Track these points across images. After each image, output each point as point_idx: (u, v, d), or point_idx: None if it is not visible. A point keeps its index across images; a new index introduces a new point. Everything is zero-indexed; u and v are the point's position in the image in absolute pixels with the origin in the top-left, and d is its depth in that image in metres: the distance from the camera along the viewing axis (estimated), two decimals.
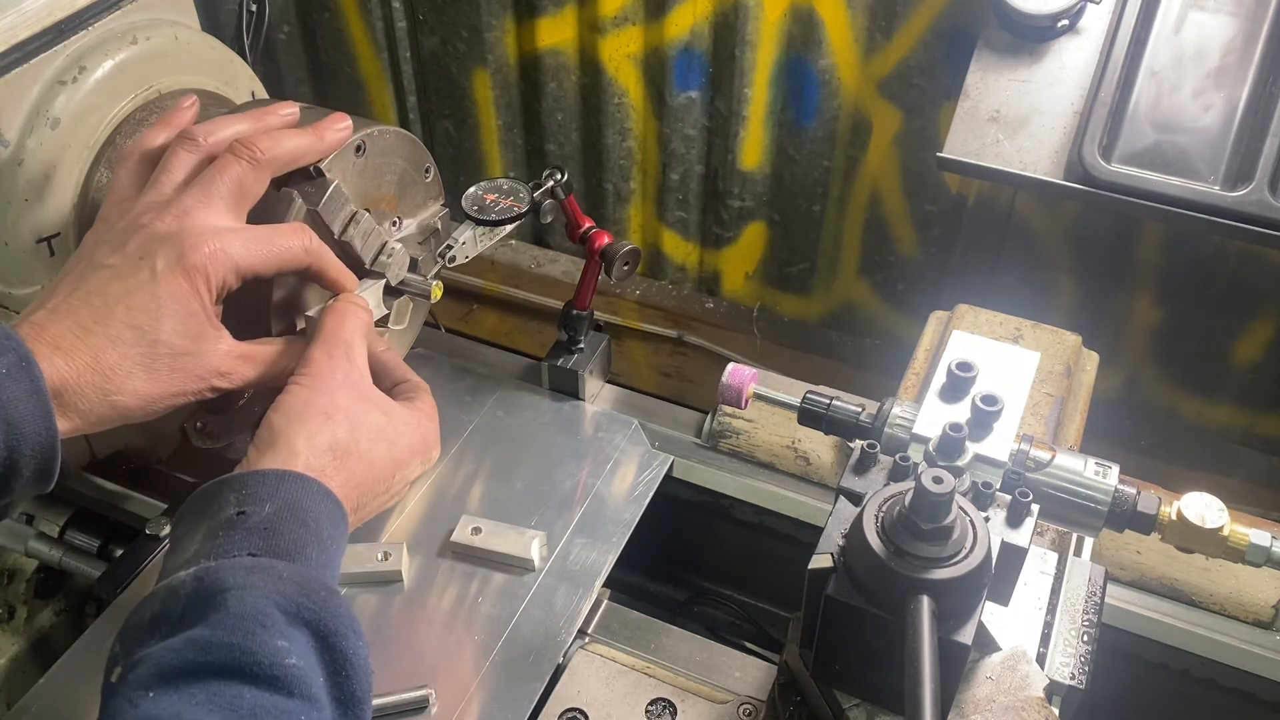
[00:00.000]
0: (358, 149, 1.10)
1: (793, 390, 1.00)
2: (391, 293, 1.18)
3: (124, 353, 0.89)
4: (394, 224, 1.21)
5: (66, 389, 0.87)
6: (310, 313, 1.07)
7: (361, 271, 1.16)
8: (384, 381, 1.04)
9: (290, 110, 1.06)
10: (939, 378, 0.95)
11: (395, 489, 0.99)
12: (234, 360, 0.97)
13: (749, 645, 1.56)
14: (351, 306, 1.03)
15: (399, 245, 1.16)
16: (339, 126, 1.06)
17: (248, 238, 0.95)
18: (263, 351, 1.00)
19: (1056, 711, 0.91)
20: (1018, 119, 1.49)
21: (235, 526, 0.83)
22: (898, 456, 0.89)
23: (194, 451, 1.43)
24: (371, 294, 1.12)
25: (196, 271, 0.91)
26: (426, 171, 1.23)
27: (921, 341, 1.37)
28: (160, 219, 0.93)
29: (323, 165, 1.06)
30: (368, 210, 1.12)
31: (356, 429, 0.94)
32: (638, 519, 1.32)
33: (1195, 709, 1.39)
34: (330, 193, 1.06)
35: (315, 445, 0.91)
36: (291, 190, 1.05)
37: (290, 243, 0.98)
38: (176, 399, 0.94)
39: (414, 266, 1.19)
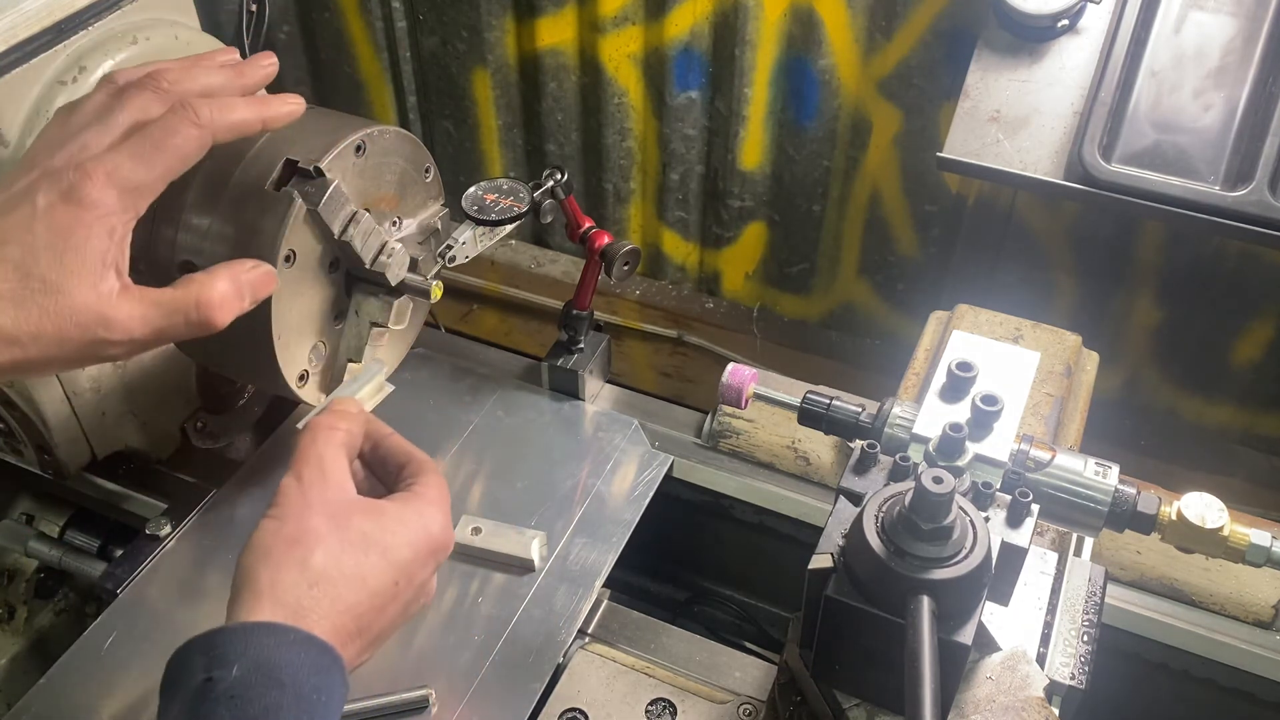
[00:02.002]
0: (358, 149, 1.10)
1: (793, 390, 1.00)
2: (391, 293, 1.18)
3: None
4: (394, 224, 1.21)
5: None
6: (299, 424, 1.02)
7: (363, 273, 1.16)
8: (388, 471, 0.98)
9: (264, 71, 0.98)
10: (939, 378, 0.95)
11: (408, 596, 0.89)
12: (122, 304, 0.83)
13: (749, 645, 1.57)
14: (325, 424, 0.94)
15: (399, 245, 1.16)
16: (290, 103, 0.96)
17: (133, 148, 0.84)
18: (166, 296, 0.86)
19: (1056, 711, 0.91)
20: (1018, 119, 1.49)
21: (204, 696, 0.74)
22: (898, 456, 0.89)
23: (194, 451, 1.43)
24: (370, 386, 1.12)
25: (86, 202, 0.81)
26: (426, 171, 1.23)
27: (921, 341, 1.36)
28: (58, 155, 0.84)
29: (323, 165, 1.06)
30: (368, 210, 1.12)
31: (337, 548, 0.84)
32: (638, 519, 1.32)
33: (1195, 709, 1.39)
34: (330, 192, 1.06)
35: (284, 582, 0.81)
36: (291, 190, 1.05)
37: (181, 132, 0.86)
38: (52, 350, 0.81)
39: (414, 266, 1.19)
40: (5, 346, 0.79)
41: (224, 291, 0.90)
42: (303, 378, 1.16)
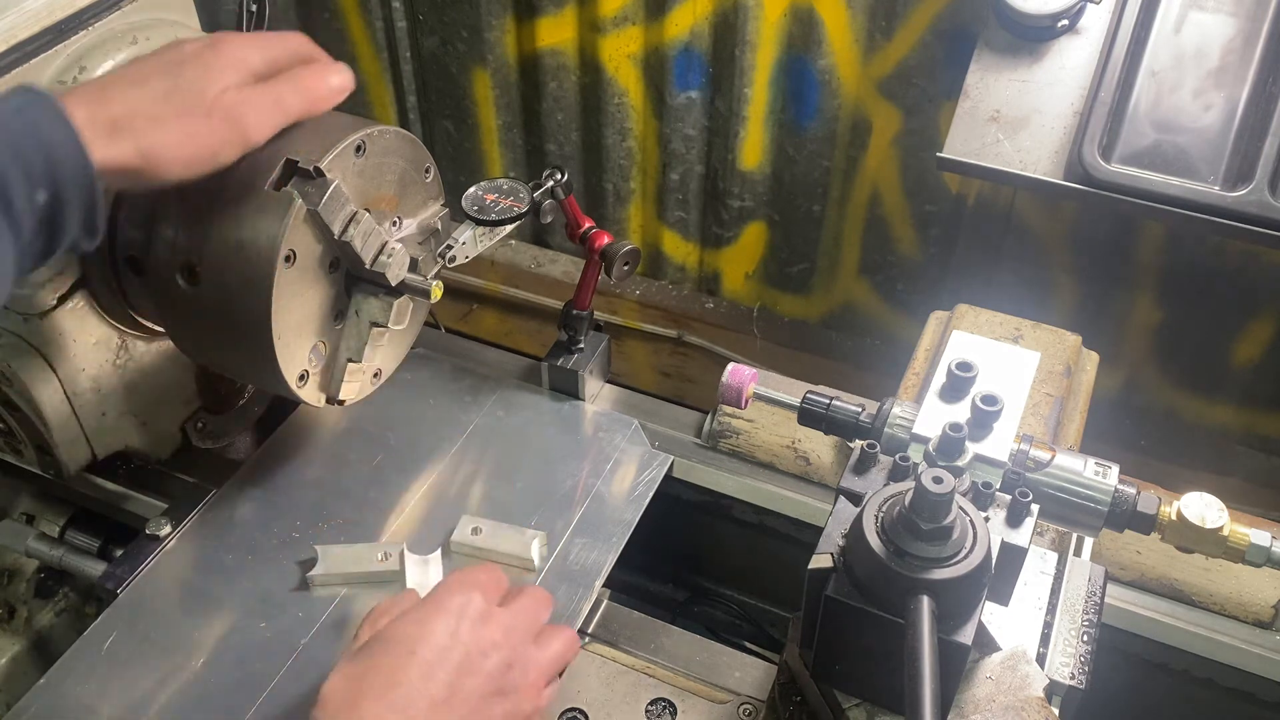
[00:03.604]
0: (358, 149, 1.10)
1: (793, 390, 1.00)
2: (391, 293, 1.18)
3: (141, 93, 0.92)
4: (394, 224, 1.21)
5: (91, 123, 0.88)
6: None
7: (363, 272, 1.16)
8: None
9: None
10: (939, 378, 0.95)
11: (469, 685, 0.91)
12: (251, 97, 0.99)
13: (749, 645, 1.56)
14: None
15: (399, 245, 1.16)
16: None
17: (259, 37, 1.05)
18: (278, 83, 1.03)
19: (1056, 711, 0.91)
20: (1018, 119, 1.49)
21: None
22: (898, 456, 0.89)
23: (194, 451, 1.43)
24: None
25: (222, 43, 0.99)
26: (426, 171, 1.23)
27: (921, 341, 1.37)
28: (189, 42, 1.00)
29: (323, 165, 1.06)
30: (368, 210, 1.12)
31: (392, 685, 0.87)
32: (638, 519, 1.32)
33: (1195, 709, 1.39)
34: (330, 192, 1.06)
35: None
36: (291, 190, 1.05)
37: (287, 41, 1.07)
38: (195, 139, 0.95)
39: (414, 266, 1.19)
40: (141, 132, 0.91)
41: (320, 73, 1.06)
42: (303, 378, 1.16)
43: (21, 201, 0.81)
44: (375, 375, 1.28)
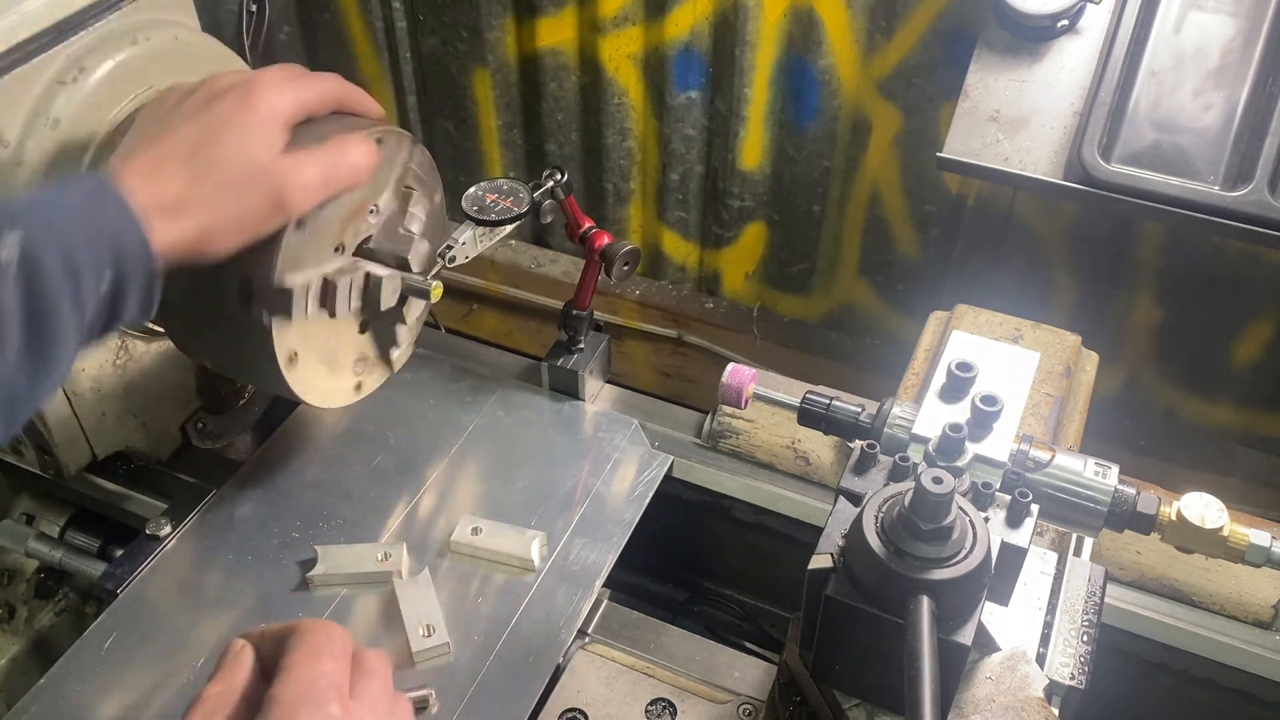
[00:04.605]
0: (379, 141, 1.12)
1: (793, 390, 1.00)
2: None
3: (193, 168, 0.94)
4: (372, 211, 1.21)
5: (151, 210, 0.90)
6: None
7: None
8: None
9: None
10: (939, 378, 0.95)
11: None
12: (294, 163, 1.00)
13: (749, 645, 1.56)
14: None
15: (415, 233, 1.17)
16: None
17: (285, 73, 1.05)
18: (323, 151, 1.02)
19: (1056, 711, 0.91)
20: (1018, 119, 1.49)
21: None
22: (898, 456, 0.89)
23: (194, 451, 1.44)
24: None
25: (256, 100, 0.99)
26: (427, 172, 1.23)
27: (921, 341, 1.37)
28: (221, 78, 1.02)
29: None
30: (374, 209, 1.13)
31: None
32: (638, 519, 1.32)
33: (1195, 709, 1.39)
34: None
35: None
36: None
37: (323, 84, 1.07)
38: (243, 214, 0.97)
39: (404, 264, 1.19)
40: (198, 211, 0.93)
41: (363, 147, 1.05)
42: (292, 359, 1.15)
43: (89, 285, 0.85)
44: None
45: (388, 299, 1.17)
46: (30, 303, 0.82)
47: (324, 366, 1.20)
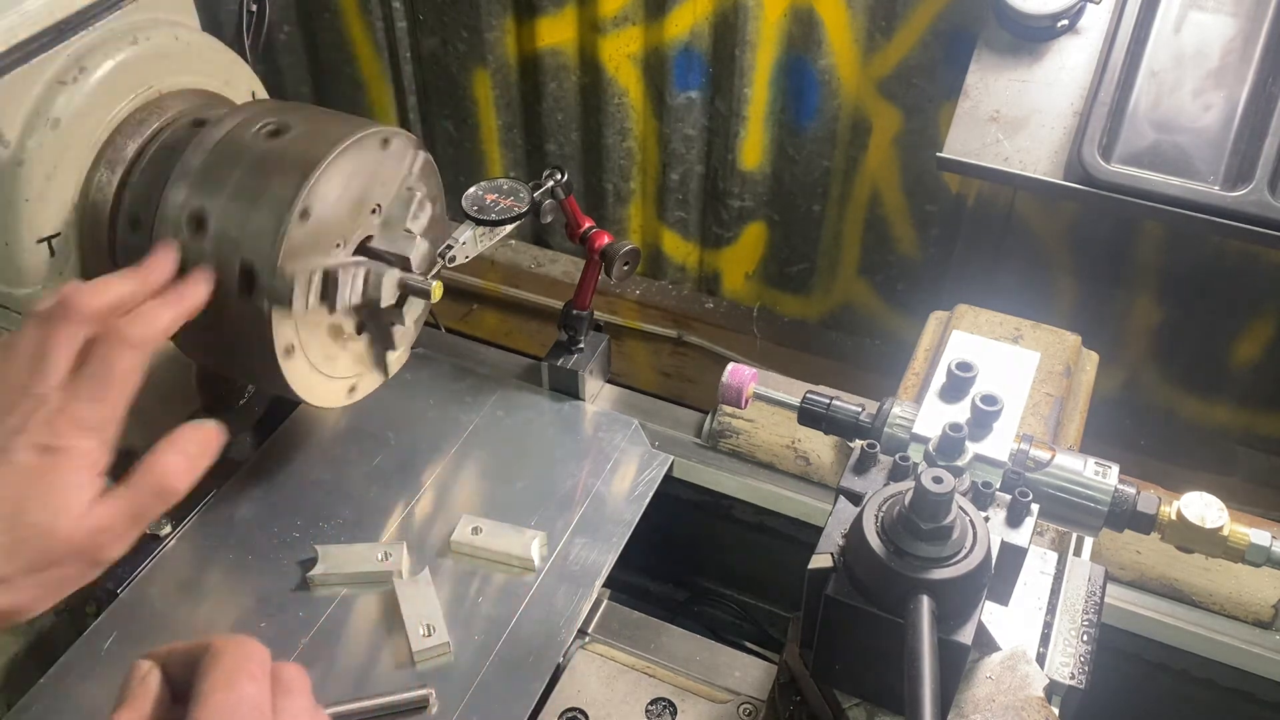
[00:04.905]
0: (385, 142, 1.12)
1: (793, 390, 1.00)
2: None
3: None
4: (374, 211, 1.21)
5: None
6: None
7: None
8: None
9: (166, 268, 1.04)
10: (939, 378, 0.95)
11: None
12: (104, 527, 0.88)
13: (749, 645, 1.56)
14: None
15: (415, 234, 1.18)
16: (199, 285, 1.04)
17: (87, 391, 0.91)
18: (131, 495, 0.91)
19: (1056, 711, 0.91)
20: (1018, 119, 1.49)
21: None
22: (898, 456, 0.89)
23: None
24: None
25: (65, 453, 0.87)
26: (427, 172, 1.23)
27: (921, 341, 1.36)
28: (18, 411, 0.88)
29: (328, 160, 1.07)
30: (376, 208, 1.13)
31: None
32: (638, 519, 1.32)
33: (1195, 709, 1.39)
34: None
35: None
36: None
37: (120, 360, 0.94)
38: (49, 588, 0.87)
39: (404, 264, 1.19)
40: (6, 593, 0.83)
41: (177, 464, 0.95)
42: (288, 351, 1.15)
43: None
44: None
45: (387, 296, 1.17)
46: None
47: (320, 364, 1.20)
